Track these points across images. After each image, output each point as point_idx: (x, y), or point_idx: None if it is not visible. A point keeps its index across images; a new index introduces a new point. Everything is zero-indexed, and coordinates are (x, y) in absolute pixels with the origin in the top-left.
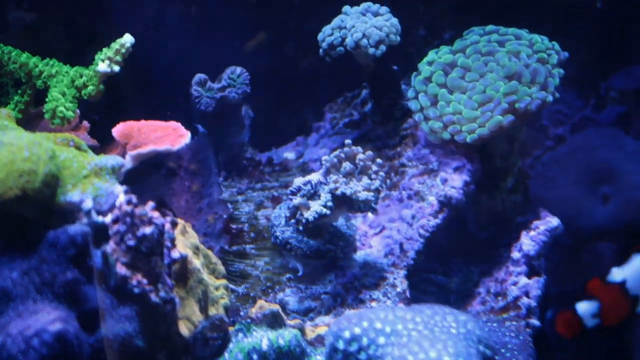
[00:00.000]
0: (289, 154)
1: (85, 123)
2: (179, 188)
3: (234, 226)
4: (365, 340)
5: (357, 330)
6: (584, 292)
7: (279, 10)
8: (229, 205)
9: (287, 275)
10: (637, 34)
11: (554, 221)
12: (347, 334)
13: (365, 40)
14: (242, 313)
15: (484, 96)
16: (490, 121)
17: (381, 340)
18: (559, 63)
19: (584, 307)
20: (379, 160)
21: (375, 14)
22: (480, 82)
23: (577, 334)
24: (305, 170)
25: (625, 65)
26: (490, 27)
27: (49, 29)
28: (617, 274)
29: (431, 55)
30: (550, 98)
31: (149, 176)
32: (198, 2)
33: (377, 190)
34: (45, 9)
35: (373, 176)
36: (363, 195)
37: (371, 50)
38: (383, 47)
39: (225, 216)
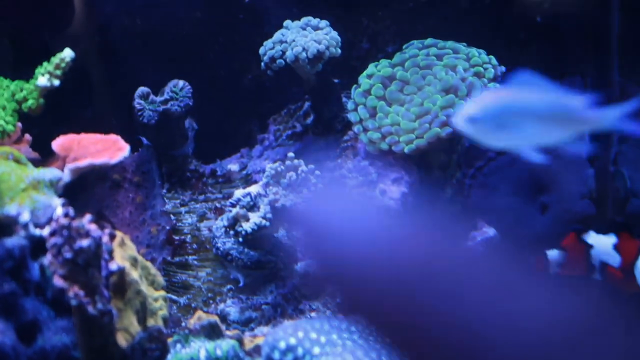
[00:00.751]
0: (233, 166)
1: (27, 136)
2: (123, 200)
3: (176, 237)
4: (300, 351)
5: (292, 341)
6: (559, 242)
7: (224, 24)
8: (172, 217)
9: (229, 286)
10: (576, 46)
11: (490, 232)
12: (282, 345)
13: (304, 54)
14: (183, 323)
15: (422, 109)
16: (428, 133)
17: (316, 350)
18: (495, 77)
19: (552, 254)
20: (317, 172)
21: (315, 28)
22: (418, 95)
23: None
24: (248, 181)
25: (564, 77)
26: (429, 41)
27: None
28: (590, 238)
29: (371, 68)
30: None
31: (93, 188)
32: (143, 16)
33: None
34: None
35: (312, 188)
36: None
37: (309, 67)
38: (321, 62)
39: (168, 227)
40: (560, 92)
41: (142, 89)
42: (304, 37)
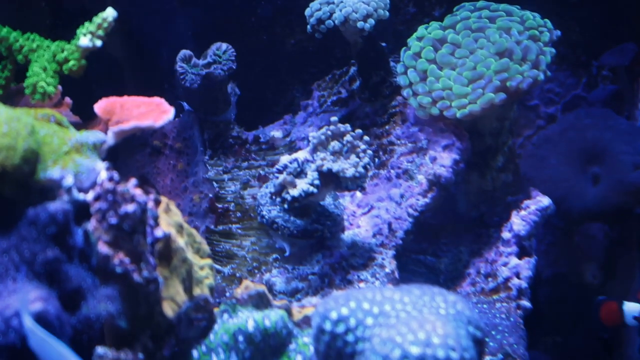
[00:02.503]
0: (276, 133)
1: (68, 99)
2: (164, 167)
3: (219, 205)
4: (352, 321)
5: (344, 311)
6: (636, 295)
7: None
8: (215, 184)
9: (274, 256)
10: (629, 11)
11: (544, 201)
12: (334, 315)
13: (354, 14)
14: (227, 294)
15: (475, 73)
16: (482, 98)
17: (369, 321)
18: (551, 41)
19: (630, 306)
20: (366, 138)
21: None
22: (470, 58)
23: (614, 326)
24: (292, 149)
25: (617, 43)
26: (481, 3)
27: (32, 4)
28: None
29: (421, 30)
30: (542, 76)
31: (134, 154)
32: None
33: (365, 168)
34: None
35: (361, 154)
36: (350, 171)
37: (360, 24)
38: (372, 21)
39: (210, 195)
40: None
41: (184, 52)
42: None
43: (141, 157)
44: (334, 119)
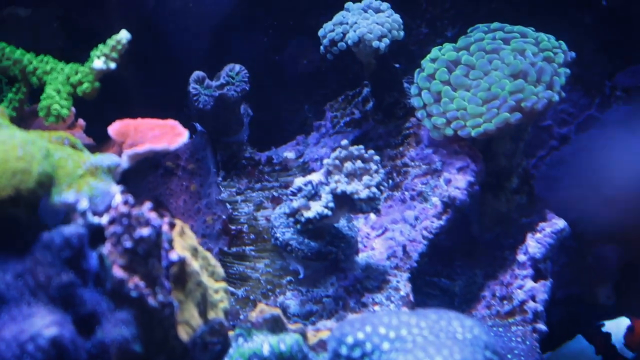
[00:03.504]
0: (289, 153)
1: (81, 121)
2: (176, 188)
3: (233, 227)
4: (369, 346)
5: (360, 336)
6: None
7: (279, 7)
8: (228, 206)
9: (288, 278)
10: None
11: (560, 223)
12: (350, 340)
13: (369, 35)
14: (242, 317)
15: (489, 94)
16: (497, 117)
17: (385, 346)
18: (565, 62)
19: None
20: (377, 158)
21: (377, 11)
22: (484, 79)
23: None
24: (305, 169)
25: (631, 64)
26: (495, 25)
27: (44, 25)
28: None
29: (434, 52)
30: (556, 98)
31: (146, 176)
32: None
33: (378, 189)
34: (40, 4)
35: (374, 175)
36: (364, 193)
37: (375, 44)
38: (387, 41)
39: (224, 217)
40: None
41: (197, 73)
42: (366, 20)
43: (154, 178)
44: (344, 142)
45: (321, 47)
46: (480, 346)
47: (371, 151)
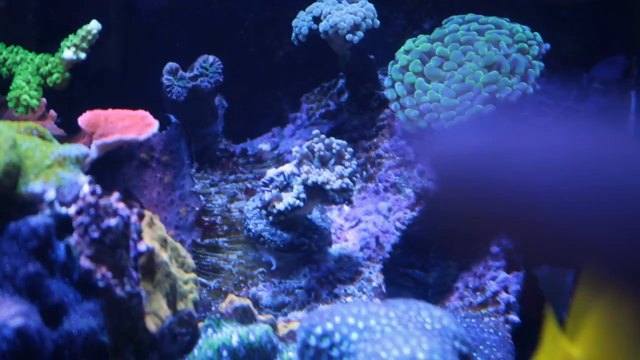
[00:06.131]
0: (264, 145)
1: (52, 112)
2: (150, 180)
3: (206, 219)
4: (337, 336)
5: (329, 326)
6: None
7: None
8: (202, 198)
9: (261, 269)
10: (620, 24)
11: None
12: (318, 330)
13: (342, 24)
14: (213, 308)
15: (463, 85)
16: (471, 109)
17: (354, 336)
18: (540, 54)
19: None
20: (350, 149)
21: (351, 1)
22: (458, 71)
23: None
24: (280, 161)
25: (608, 56)
26: (469, 16)
27: (18, 16)
28: None
29: (408, 43)
30: (531, 90)
31: (119, 168)
32: None
33: (351, 179)
34: None
35: (347, 164)
36: (337, 183)
37: (348, 37)
38: (360, 34)
39: (197, 209)
40: None
41: (170, 65)
42: (339, 10)
43: (128, 169)
44: (315, 131)
45: (292, 35)
46: (449, 336)
47: (343, 141)
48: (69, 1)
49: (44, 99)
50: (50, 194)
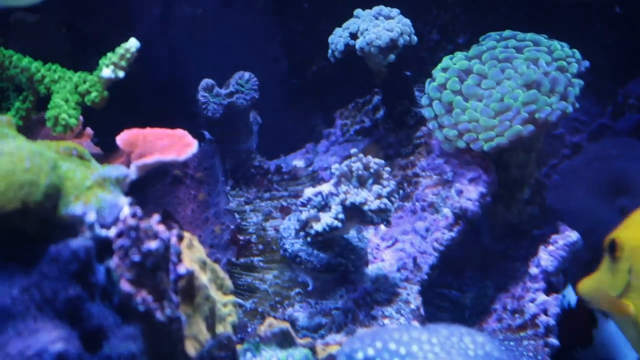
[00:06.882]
0: (298, 162)
1: (89, 130)
2: (184, 197)
3: (241, 237)
4: None
5: (370, 352)
6: None
7: (288, 13)
8: (236, 216)
9: (297, 290)
10: None
11: (573, 235)
12: (360, 355)
13: (378, 42)
14: (249, 329)
15: (502, 104)
16: (510, 130)
17: None
18: (579, 72)
19: None
20: (387, 168)
21: (387, 17)
22: (497, 89)
23: None
24: (314, 178)
25: None
26: (507, 33)
27: (52, 31)
28: None
29: (445, 61)
30: (570, 109)
31: (153, 185)
32: (204, 6)
33: (389, 199)
34: (48, 10)
35: (385, 183)
36: (375, 204)
37: (381, 57)
38: (395, 51)
39: (232, 227)
40: None
41: (206, 81)
42: (376, 27)
43: (161, 186)
44: (354, 150)
45: (329, 52)
46: None
47: (382, 160)
48: (103, 16)
49: (81, 117)
50: (91, 216)
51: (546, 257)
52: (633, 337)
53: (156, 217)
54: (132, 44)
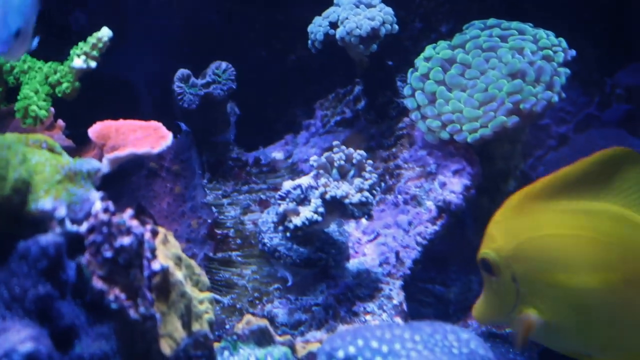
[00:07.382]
0: (277, 154)
1: (60, 122)
2: (160, 190)
3: (219, 232)
4: None
5: (351, 350)
6: None
7: (267, 2)
8: (214, 209)
9: (276, 285)
10: None
11: None
12: (341, 354)
13: (357, 31)
14: (227, 326)
15: (486, 95)
16: (494, 121)
17: None
18: (565, 61)
19: None
20: (370, 161)
21: (368, 5)
22: (481, 79)
23: None
24: (294, 171)
25: (632, 62)
26: (492, 21)
27: None
28: None
29: (428, 50)
30: (556, 98)
31: (128, 177)
32: None
33: (371, 192)
34: None
35: (367, 176)
36: (356, 197)
37: (362, 47)
38: (377, 41)
39: (209, 221)
40: None
41: (182, 71)
42: (357, 15)
43: (137, 179)
44: (335, 142)
45: (309, 42)
46: None
47: (363, 152)
48: (75, 6)
49: (52, 109)
50: (61, 211)
51: None
52: (548, 338)
53: (129, 212)
54: (104, 33)
